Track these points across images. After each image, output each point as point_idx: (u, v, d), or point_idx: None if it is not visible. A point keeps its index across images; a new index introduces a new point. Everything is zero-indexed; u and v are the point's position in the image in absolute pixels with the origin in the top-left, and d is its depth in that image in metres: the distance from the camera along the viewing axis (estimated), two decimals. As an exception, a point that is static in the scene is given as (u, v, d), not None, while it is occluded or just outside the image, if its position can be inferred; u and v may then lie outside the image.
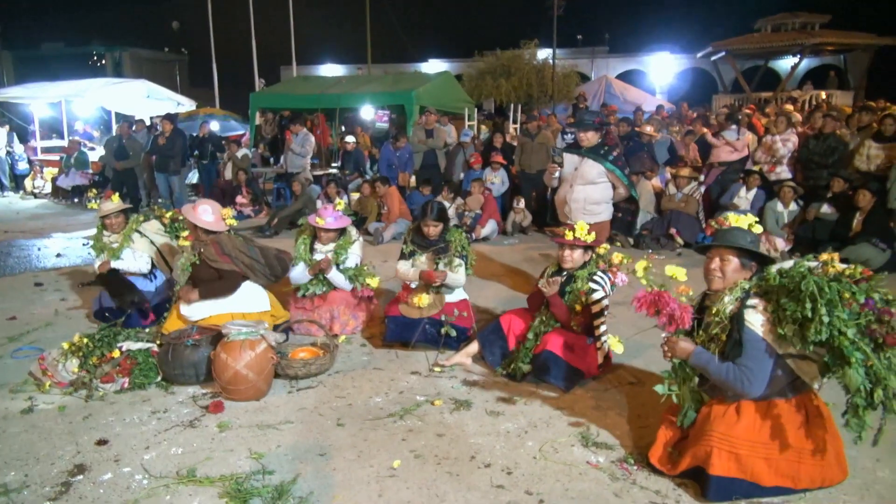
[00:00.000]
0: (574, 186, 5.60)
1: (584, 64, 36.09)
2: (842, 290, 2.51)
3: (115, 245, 5.07)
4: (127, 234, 5.12)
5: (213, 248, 4.41)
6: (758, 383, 2.68)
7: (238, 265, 4.45)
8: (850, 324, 2.47)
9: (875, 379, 2.45)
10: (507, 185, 9.77)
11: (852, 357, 2.45)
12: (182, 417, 3.53)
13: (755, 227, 3.02)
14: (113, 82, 17.35)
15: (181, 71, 40.71)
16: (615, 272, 4.12)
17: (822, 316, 2.46)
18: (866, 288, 2.53)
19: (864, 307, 2.48)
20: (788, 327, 2.58)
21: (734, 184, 8.46)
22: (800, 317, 2.52)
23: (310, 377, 4.05)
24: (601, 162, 5.55)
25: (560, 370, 3.83)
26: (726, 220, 3.12)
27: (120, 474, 2.95)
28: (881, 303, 2.50)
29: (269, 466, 3.00)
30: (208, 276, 4.41)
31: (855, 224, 6.84)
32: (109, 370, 3.88)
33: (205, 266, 4.42)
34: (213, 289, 4.39)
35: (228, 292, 4.44)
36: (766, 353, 2.68)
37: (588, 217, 5.54)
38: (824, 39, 26.41)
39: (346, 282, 4.95)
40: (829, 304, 2.47)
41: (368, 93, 12.80)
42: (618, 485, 2.85)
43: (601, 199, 5.64)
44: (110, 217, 5.14)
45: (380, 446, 3.20)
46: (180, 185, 11.25)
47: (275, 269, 4.65)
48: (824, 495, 2.72)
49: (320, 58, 37.83)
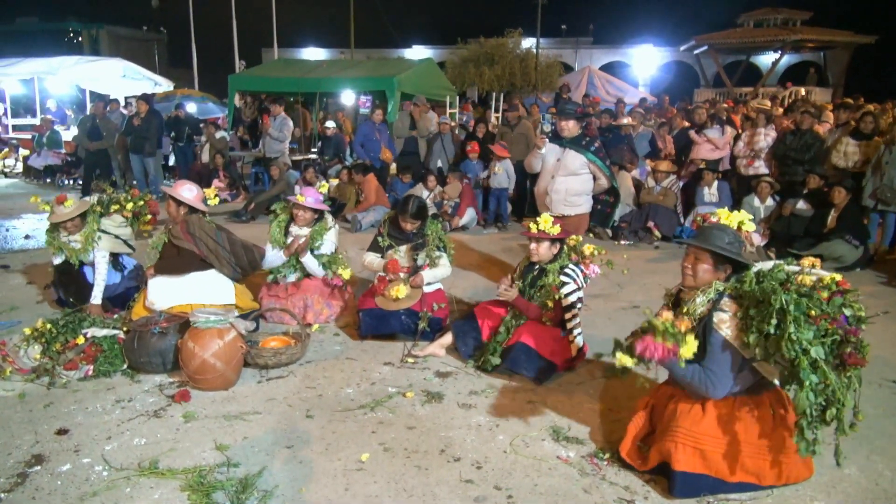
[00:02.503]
0: (556, 177, 5.55)
1: (569, 54, 36.08)
2: (811, 306, 2.49)
3: (77, 246, 4.73)
4: (88, 238, 4.71)
5: (180, 227, 4.36)
6: (721, 387, 2.68)
7: (201, 247, 4.36)
8: (814, 342, 2.46)
9: (831, 398, 2.46)
10: (513, 178, 9.06)
11: (807, 380, 2.44)
12: (147, 407, 3.45)
13: (747, 224, 2.99)
14: (87, 60, 16.91)
15: (160, 51, 39.99)
16: (587, 264, 4.10)
17: (789, 333, 2.45)
18: (840, 302, 2.52)
19: (834, 323, 2.47)
20: (753, 337, 2.57)
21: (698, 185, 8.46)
22: (765, 330, 2.51)
23: (280, 367, 3.98)
24: (583, 153, 5.52)
25: (532, 362, 3.81)
26: (713, 217, 3.09)
27: (79, 465, 2.87)
28: (853, 320, 2.49)
29: (235, 459, 2.94)
30: (169, 254, 4.37)
31: (830, 220, 6.90)
32: (73, 357, 3.78)
33: (170, 244, 4.37)
34: (167, 265, 4.33)
35: (180, 271, 4.33)
36: (731, 357, 2.68)
37: (569, 209, 5.53)
38: (805, 36, 26.68)
39: (319, 268, 4.88)
40: (795, 322, 2.46)
41: (349, 78, 12.64)
42: (587, 480, 2.84)
43: (582, 191, 5.61)
44: (66, 222, 4.71)
45: (349, 439, 3.16)
46: (156, 168, 11.03)
47: (241, 259, 4.54)
48: (791, 493, 2.73)
49: (303, 41, 37.41)
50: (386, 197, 9.22)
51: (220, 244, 4.46)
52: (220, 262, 4.45)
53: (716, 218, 3.30)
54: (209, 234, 4.42)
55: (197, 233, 4.38)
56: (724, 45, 29.06)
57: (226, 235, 4.52)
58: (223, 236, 4.50)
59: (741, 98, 23.22)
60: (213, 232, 4.45)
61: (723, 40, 28.44)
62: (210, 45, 25.88)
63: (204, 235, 4.40)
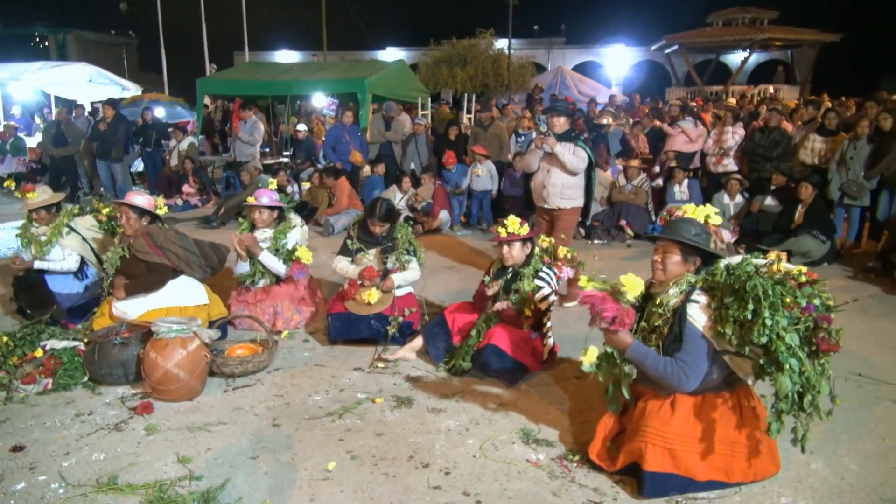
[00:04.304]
0: (552, 171, 5.58)
1: (541, 55, 36.27)
2: (785, 293, 2.51)
3: (43, 238, 4.76)
4: (56, 229, 4.77)
5: (144, 240, 4.21)
6: (694, 379, 2.68)
7: (171, 258, 4.26)
8: (789, 329, 2.48)
9: (807, 385, 2.47)
10: (496, 178, 8.87)
11: (786, 364, 2.46)
12: (108, 420, 3.36)
13: (713, 217, 3.01)
14: (52, 65, 16.55)
15: (129, 55, 39.27)
16: (560, 266, 4.09)
17: (764, 319, 2.46)
18: (809, 292, 2.53)
19: (804, 311, 2.49)
20: (729, 326, 2.58)
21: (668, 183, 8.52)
22: (741, 317, 2.52)
23: (247, 375, 3.91)
24: (575, 141, 5.52)
25: (504, 365, 3.78)
26: (678, 211, 3.10)
27: (34, 483, 2.77)
28: (822, 308, 2.51)
29: (198, 471, 2.86)
30: (137, 271, 4.21)
31: (797, 216, 6.99)
32: (31, 370, 3.67)
33: (134, 260, 4.21)
34: (140, 284, 4.18)
35: (157, 286, 4.23)
36: (706, 349, 2.68)
37: (565, 202, 5.59)
38: (772, 35, 27.14)
39: (279, 264, 4.79)
40: (771, 308, 2.47)
41: (321, 80, 12.51)
42: (556, 483, 2.81)
43: (577, 185, 5.66)
44: (38, 210, 4.82)
45: (315, 447, 3.10)
46: (123, 173, 10.82)
47: (211, 259, 4.46)
48: (759, 489, 2.74)
49: (276, 43, 37.07)
50: (359, 200, 9.13)
51: (189, 250, 4.36)
52: (191, 268, 4.37)
53: (682, 212, 3.31)
54: (176, 243, 4.32)
55: (164, 244, 4.26)
56: (694, 45, 29.45)
57: (191, 239, 4.43)
58: (189, 240, 4.42)
59: (711, 96, 23.53)
60: (178, 239, 4.36)
61: (692, 39, 28.82)
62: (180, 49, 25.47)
63: (171, 245, 4.29)
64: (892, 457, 3.03)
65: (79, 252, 4.87)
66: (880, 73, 27.86)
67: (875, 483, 2.81)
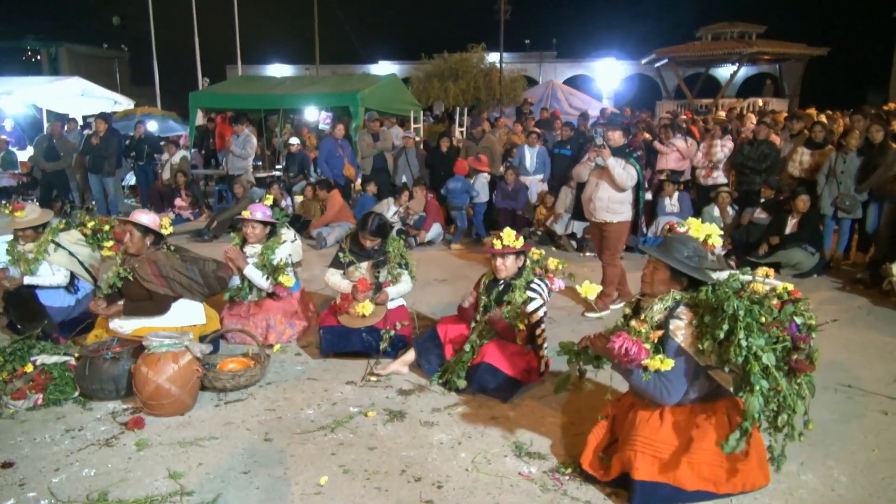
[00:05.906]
0: (600, 185, 5.57)
1: (533, 68, 36.52)
2: (763, 314, 2.54)
3: (30, 256, 4.70)
4: (42, 247, 4.72)
5: (150, 268, 4.16)
6: (675, 394, 2.71)
7: (175, 287, 4.22)
8: (766, 348, 2.51)
9: (783, 404, 2.50)
10: (486, 192, 8.94)
11: (757, 385, 2.49)
12: (98, 436, 3.34)
13: (714, 238, 3.00)
14: (45, 80, 16.61)
15: (122, 69, 39.31)
16: (552, 278, 4.10)
17: (739, 339, 2.49)
18: (791, 311, 2.56)
19: (785, 331, 2.52)
20: (708, 344, 2.61)
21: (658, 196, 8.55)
22: (717, 336, 2.56)
23: (239, 389, 3.90)
24: (627, 158, 5.48)
25: (499, 382, 3.78)
26: (680, 228, 3.09)
27: (24, 500, 2.76)
28: (804, 328, 2.54)
29: (189, 487, 2.85)
30: (138, 296, 4.17)
31: (790, 227, 7.04)
32: (21, 386, 3.65)
33: (137, 285, 4.17)
34: (140, 308, 4.17)
35: (157, 314, 4.21)
36: (686, 365, 2.70)
37: (611, 216, 5.55)
38: (761, 49, 27.45)
39: (262, 279, 4.76)
40: (747, 329, 2.50)
41: (313, 94, 12.57)
42: (548, 496, 2.82)
43: (625, 199, 5.60)
44: (25, 228, 4.75)
45: (308, 462, 3.09)
46: (115, 187, 10.82)
47: (213, 287, 4.42)
48: (749, 501, 2.75)
49: (268, 57, 37.12)
50: (351, 213, 9.15)
51: (193, 279, 4.29)
52: (193, 294, 4.34)
53: (683, 228, 3.28)
54: (181, 272, 4.24)
55: (170, 274, 4.20)
56: (683, 58, 29.73)
57: (196, 268, 4.33)
58: (195, 270, 4.31)
59: (701, 109, 23.74)
60: (183, 268, 4.26)
61: (682, 53, 29.09)
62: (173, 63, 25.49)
63: (176, 275, 4.22)
64: (881, 468, 3.05)
65: (67, 267, 4.83)
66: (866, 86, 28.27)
67: (864, 494, 2.83)
